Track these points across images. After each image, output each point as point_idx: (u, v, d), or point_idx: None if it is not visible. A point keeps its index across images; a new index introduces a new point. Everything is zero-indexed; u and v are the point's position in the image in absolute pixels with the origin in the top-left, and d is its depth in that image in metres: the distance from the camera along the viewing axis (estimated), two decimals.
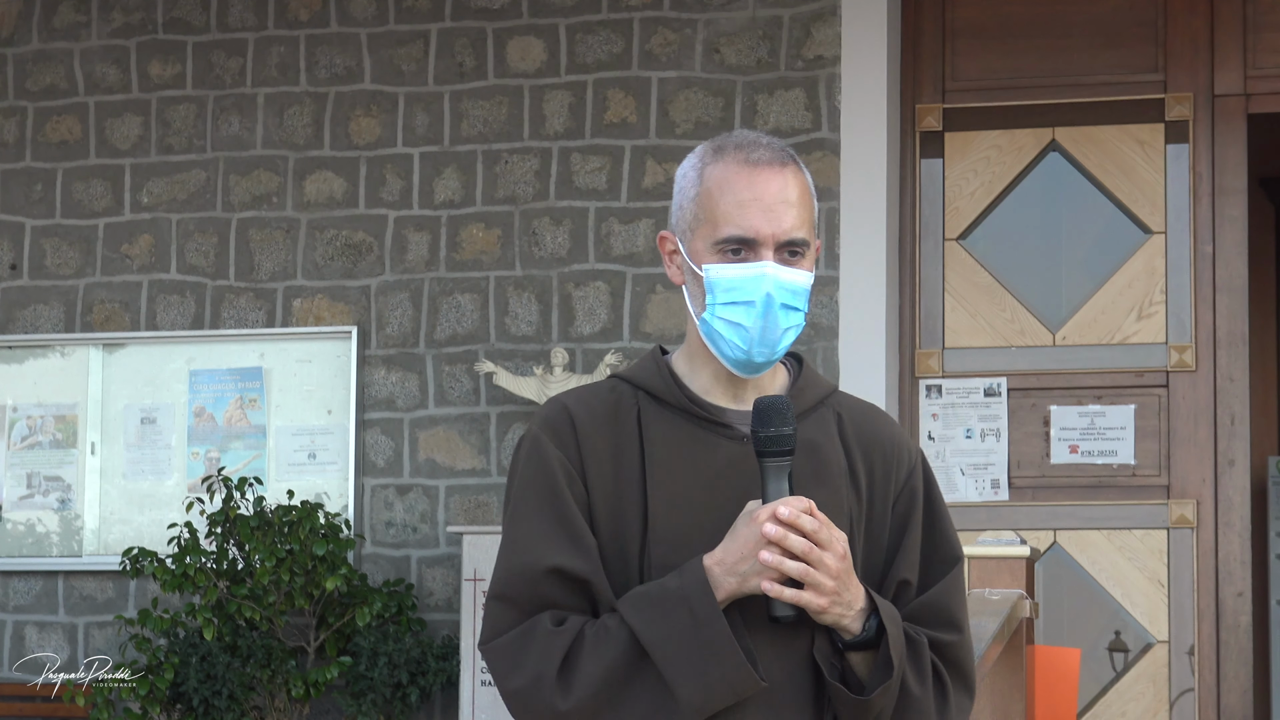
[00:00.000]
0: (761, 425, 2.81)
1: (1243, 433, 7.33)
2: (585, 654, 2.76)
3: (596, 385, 2.98)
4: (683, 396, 2.90)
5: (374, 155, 7.86)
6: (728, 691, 2.75)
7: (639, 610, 2.77)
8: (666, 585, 2.78)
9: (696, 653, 2.74)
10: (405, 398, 7.74)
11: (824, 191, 7.45)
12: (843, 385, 7.34)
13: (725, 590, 2.76)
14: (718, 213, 2.87)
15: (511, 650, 2.80)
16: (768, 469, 2.80)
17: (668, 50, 7.64)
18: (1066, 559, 7.38)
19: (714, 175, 2.89)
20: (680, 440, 2.88)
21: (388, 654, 7.20)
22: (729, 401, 2.92)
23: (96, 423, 8.00)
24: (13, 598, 7.99)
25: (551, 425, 2.89)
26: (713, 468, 2.87)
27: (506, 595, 2.82)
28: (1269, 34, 7.41)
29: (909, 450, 3.01)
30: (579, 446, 2.87)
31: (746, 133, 2.95)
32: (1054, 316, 7.48)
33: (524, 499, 2.86)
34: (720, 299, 2.86)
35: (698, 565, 2.78)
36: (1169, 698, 7.28)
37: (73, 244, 8.06)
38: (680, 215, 2.93)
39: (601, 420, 2.89)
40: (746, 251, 2.86)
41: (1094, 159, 7.48)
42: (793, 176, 2.89)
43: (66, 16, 8.15)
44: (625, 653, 2.76)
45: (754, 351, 2.87)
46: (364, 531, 7.73)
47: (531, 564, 2.81)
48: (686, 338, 2.98)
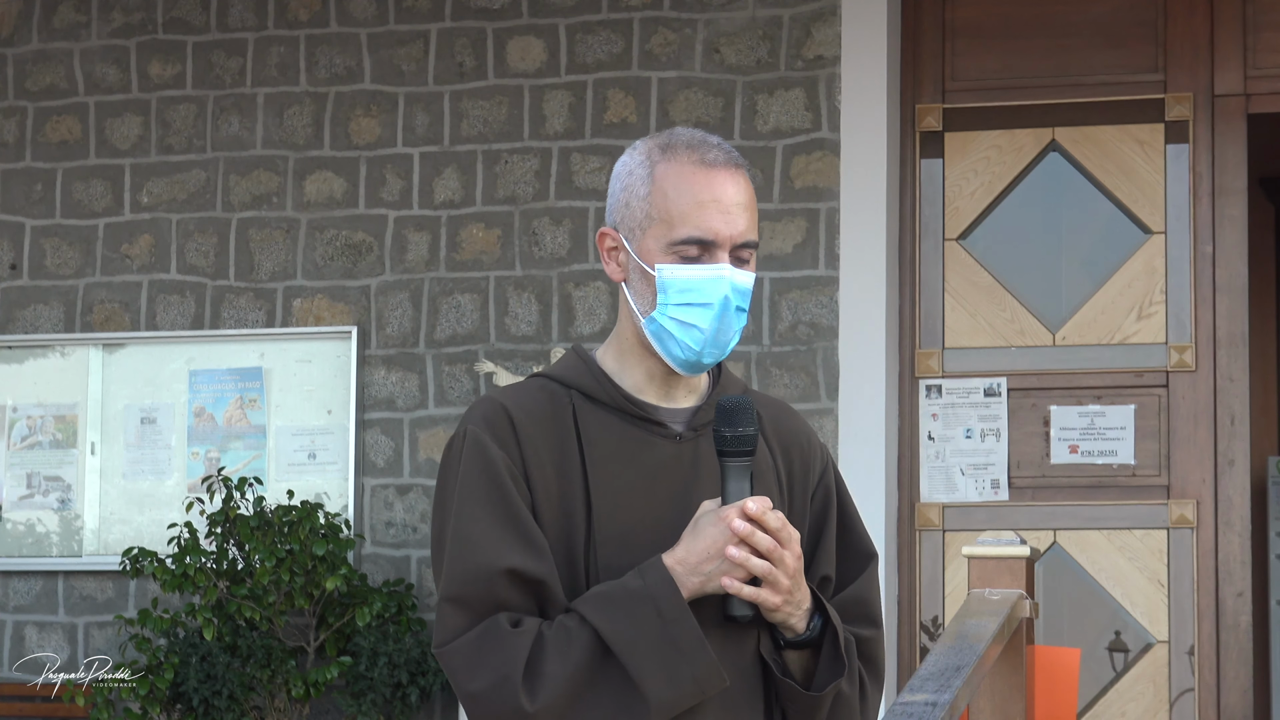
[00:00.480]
0: (728, 425, 2.81)
1: (1243, 433, 7.33)
2: (549, 655, 2.74)
3: (525, 384, 2.95)
4: (618, 395, 2.89)
5: (374, 155, 7.86)
6: (695, 690, 2.75)
7: (602, 611, 2.76)
8: (628, 585, 2.77)
9: (665, 652, 2.74)
10: (405, 398, 7.75)
11: (824, 191, 7.45)
12: (842, 385, 7.34)
13: (688, 589, 2.77)
14: (674, 213, 2.86)
15: (471, 652, 2.77)
16: (730, 469, 2.81)
17: (668, 50, 7.65)
18: (1066, 559, 7.39)
19: (668, 174, 2.88)
20: (617, 439, 2.87)
21: (388, 654, 7.20)
22: (660, 400, 2.92)
23: (96, 423, 8.00)
24: (13, 598, 7.99)
25: (491, 424, 2.86)
26: (650, 467, 2.87)
27: (460, 597, 2.79)
28: (1269, 34, 7.41)
29: (820, 447, 3.05)
30: (520, 446, 2.84)
31: (692, 131, 2.94)
32: (1054, 316, 7.48)
33: (470, 498, 2.82)
34: (674, 299, 2.85)
35: (659, 564, 2.78)
36: (1169, 698, 7.28)
37: (73, 244, 8.06)
38: (626, 212, 2.90)
39: (538, 420, 2.87)
40: (703, 253, 2.85)
41: (1094, 159, 7.48)
42: (744, 180, 2.90)
43: (66, 16, 8.15)
44: (590, 653, 2.75)
45: (705, 352, 2.86)
46: (364, 531, 7.73)
47: (486, 565, 2.78)
48: (617, 336, 2.95)
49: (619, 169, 2.95)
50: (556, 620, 2.78)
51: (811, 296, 7.43)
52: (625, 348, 2.94)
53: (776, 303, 7.45)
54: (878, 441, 7.31)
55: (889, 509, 7.35)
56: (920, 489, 7.49)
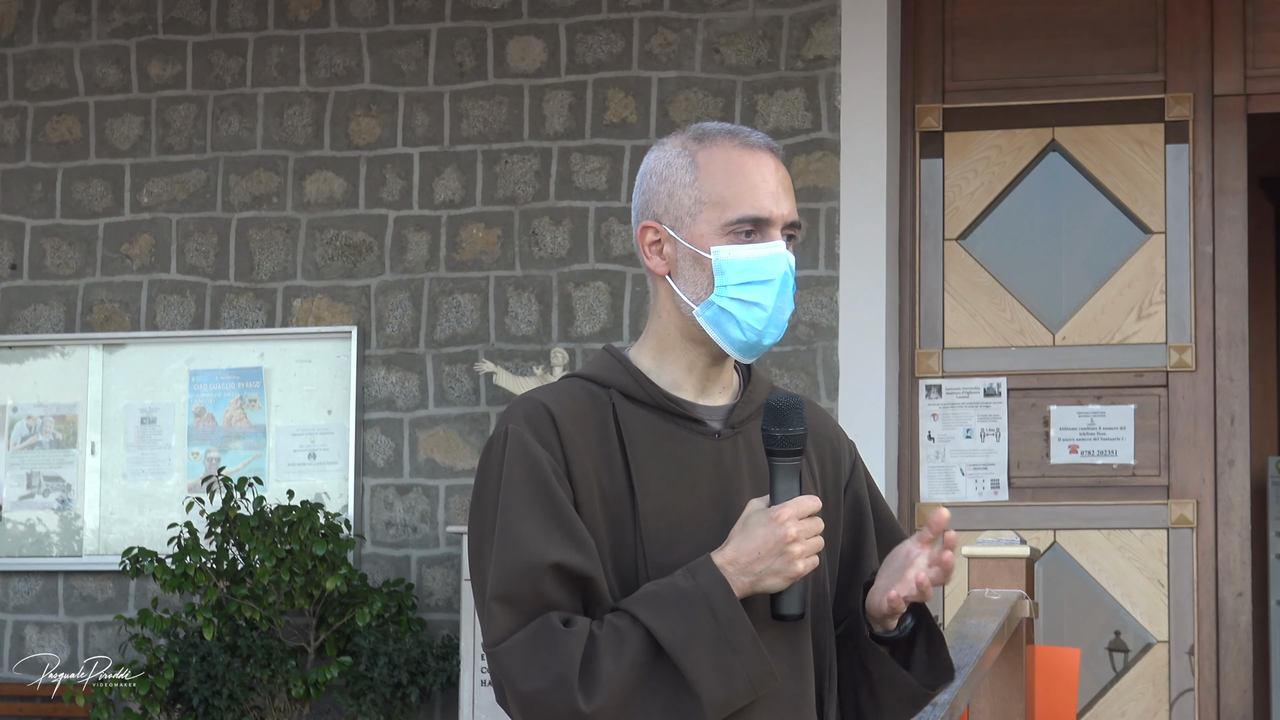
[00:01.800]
0: (779, 425, 2.81)
1: (1243, 433, 7.33)
2: (603, 655, 2.72)
3: (562, 384, 2.93)
4: (657, 393, 2.89)
5: (374, 155, 7.86)
6: (749, 690, 2.75)
7: (654, 611, 2.75)
8: (680, 585, 2.76)
9: (720, 652, 2.73)
10: (405, 398, 7.74)
11: (824, 191, 7.45)
12: (842, 385, 7.34)
13: (739, 589, 2.76)
14: (726, 194, 2.86)
15: (525, 652, 2.74)
16: (779, 468, 2.80)
17: (668, 50, 7.65)
18: (1066, 559, 7.39)
19: (714, 159, 2.88)
20: (658, 438, 2.87)
21: (388, 654, 7.20)
22: (697, 396, 2.92)
23: (96, 423, 8.00)
24: (13, 598, 7.99)
25: (533, 423, 2.84)
26: (690, 464, 2.87)
27: (509, 595, 2.77)
28: (1269, 34, 7.41)
29: (849, 443, 3.06)
30: (562, 445, 2.83)
31: (720, 123, 2.95)
32: (1054, 316, 7.48)
33: (515, 497, 2.80)
34: (734, 280, 2.85)
35: (710, 564, 2.77)
36: (1169, 698, 7.28)
37: (73, 244, 8.06)
38: (670, 203, 2.90)
39: (579, 419, 2.86)
40: (757, 233, 2.87)
41: (1094, 159, 7.48)
42: (782, 163, 2.93)
43: (66, 16, 8.15)
44: (643, 653, 2.73)
45: (767, 332, 2.87)
46: (364, 531, 7.73)
47: (533, 561, 2.76)
48: (654, 334, 2.94)
49: (651, 165, 2.94)
50: (606, 620, 2.77)
51: (811, 296, 7.43)
52: (665, 344, 2.93)
53: None
54: (878, 441, 7.31)
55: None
56: (920, 489, 7.49)
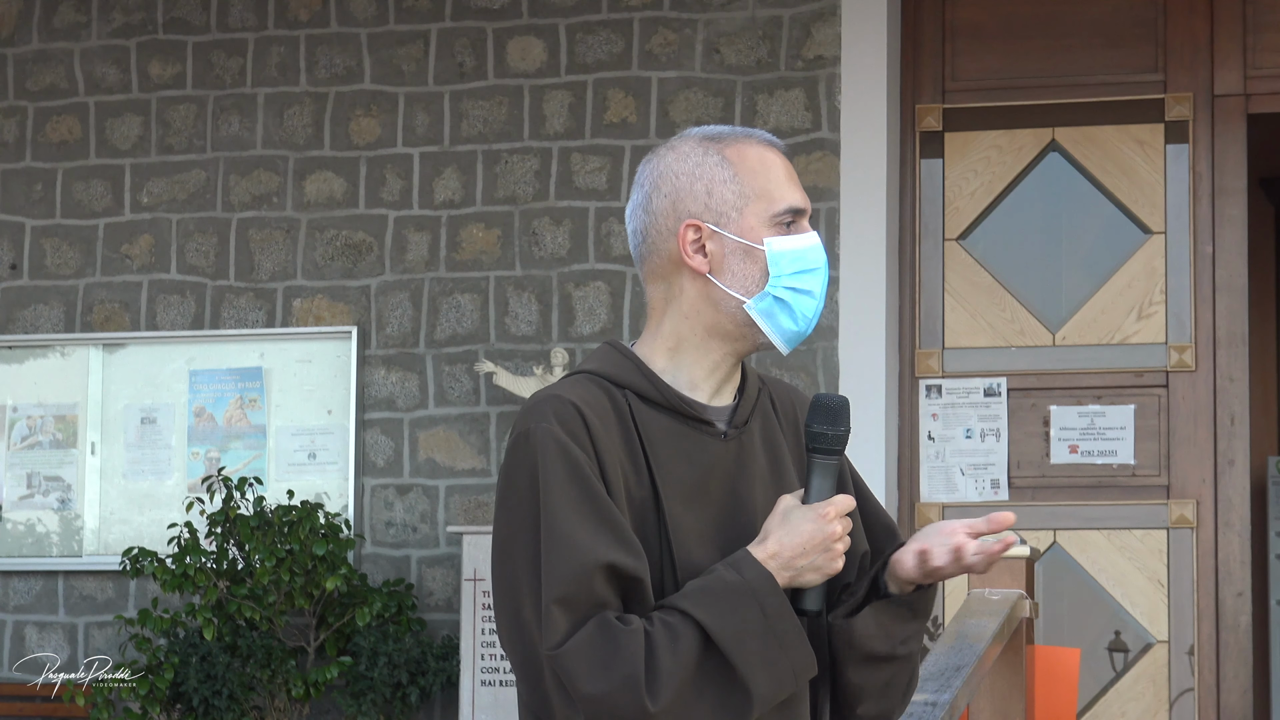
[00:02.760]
0: (830, 424, 2.84)
1: (1243, 433, 7.33)
2: (661, 653, 2.73)
3: (580, 381, 2.91)
4: (673, 395, 2.89)
5: (374, 155, 7.86)
6: (794, 682, 2.79)
7: (706, 606, 2.76)
8: (727, 580, 2.78)
9: (770, 646, 2.76)
10: (405, 398, 7.75)
11: (824, 191, 7.45)
12: (842, 385, 7.34)
13: (780, 583, 2.80)
14: (769, 187, 2.89)
15: (590, 653, 2.74)
16: (819, 466, 2.83)
17: (668, 50, 7.65)
18: (1066, 559, 7.39)
19: (745, 155, 2.91)
20: (674, 440, 2.88)
21: (388, 654, 7.20)
22: (709, 398, 2.93)
23: (96, 423, 8.00)
24: (13, 598, 7.99)
25: (566, 422, 2.82)
26: (704, 465, 2.88)
27: (565, 597, 2.75)
28: (1269, 34, 7.41)
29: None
30: (594, 445, 2.82)
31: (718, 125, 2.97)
32: (1054, 316, 7.48)
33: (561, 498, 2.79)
34: (788, 269, 2.87)
35: (752, 559, 2.79)
36: (1169, 698, 7.28)
37: (73, 244, 8.06)
38: (710, 200, 2.89)
39: (605, 418, 2.86)
40: (795, 224, 2.90)
41: (1094, 159, 7.48)
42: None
43: (66, 16, 8.15)
44: (698, 649, 2.75)
45: (814, 318, 2.91)
46: (364, 531, 7.73)
47: (586, 562, 2.75)
48: (672, 333, 2.93)
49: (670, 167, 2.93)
50: (656, 617, 2.77)
51: None
52: (686, 344, 2.93)
53: None
54: (878, 441, 7.31)
55: (889, 509, 7.36)
56: (920, 489, 7.49)
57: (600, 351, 2.96)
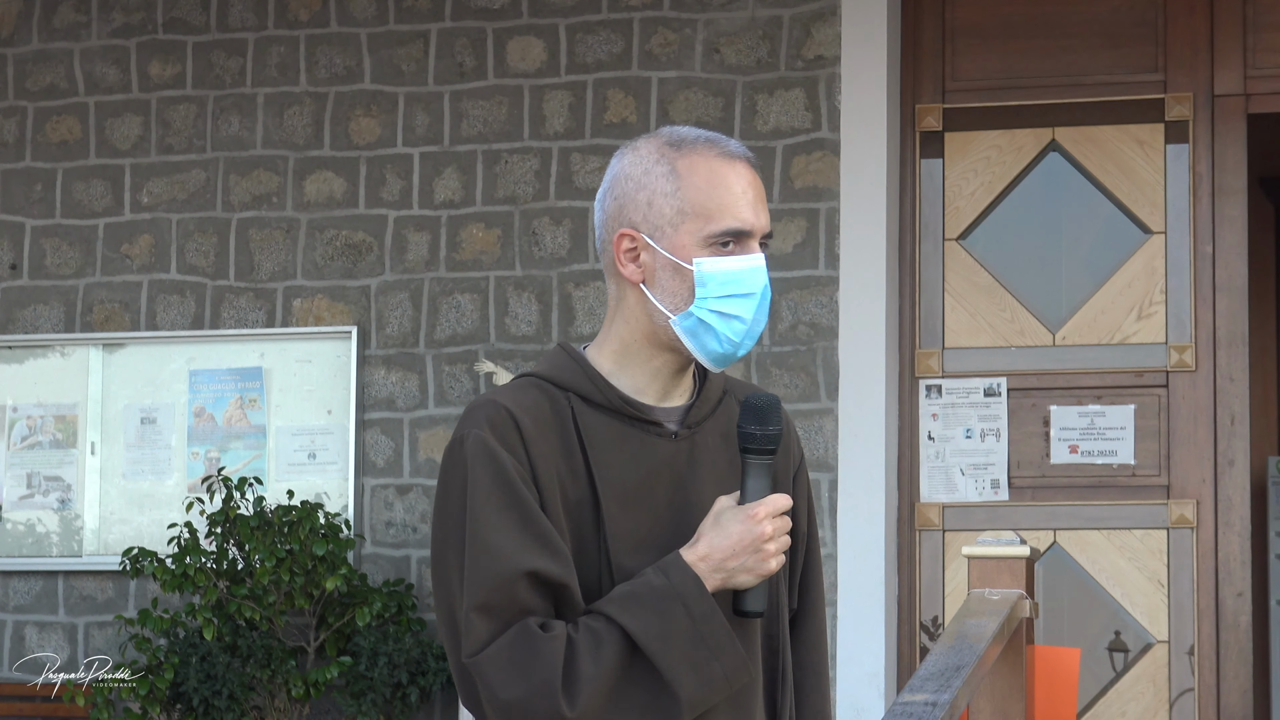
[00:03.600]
0: (759, 424, 2.82)
1: (1243, 433, 7.33)
2: (582, 658, 2.74)
3: (520, 384, 2.92)
4: (616, 398, 2.89)
5: (374, 155, 7.86)
6: (725, 685, 2.77)
7: (629, 610, 2.76)
8: (653, 584, 2.77)
9: (696, 649, 2.75)
10: (405, 398, 7.75)
11: (824, 191, 7.45)
12: (842, 385, 7.34)
13: (710, 585, 2.78)
14: (710, 206, 2.85)
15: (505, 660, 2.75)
16: (752, 466, 2.82)
17: (668, 50, 7.65)
18: (1066, 559, 7.39)
19: (695, 168, 2.87)
20: (617, 440, 2.87)
21: (388, 654, 7.20)
22: (658, 400, 2.92)
23: (96, 423, 8.00)
24: (13, 598, 7.99)
25: (495, 427, 2.83)
26: (649, 466, 2.87)
27: (485, 605, 2.77)
28: (1269, 34, 7.41)
29: (793, 428, 3.09)
30: (526, 448, 2.83)
31: (691, 128, 2.93)
32: (1054, 316, 7.48)
33: (486, 505, 2.80)
34: (715, 292, 2.84)
35: (681, 562, 2.78)
36: (1169, 698, 7.28)
37: (73, 244, 8.06)
38: (649, 211, 2.87)
39: (541, 422, 2.86)
40: (736, 245, 2.86)
41: (1094, 159, 7.48)
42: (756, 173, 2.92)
43: (66, 16, 8.15)
44: (621, 654, 2.75)
45: (743, 344, 2.88)
46: (364, 531, 7.73)
47: (509, 569, 2.76)
48: (617, 337, 2.93)
49: (625, 170, 2.91)
50: (581, 622, 2.78)
51: (811, 296, 7.43)
52: (629, 349, 2.92)
53: (776, 303, 7.45)
54: (878, 441, 7.31)
55: (889, 509, 7.35)
56: (920, 489, 7.49)
57: (550, 354, 2.97)
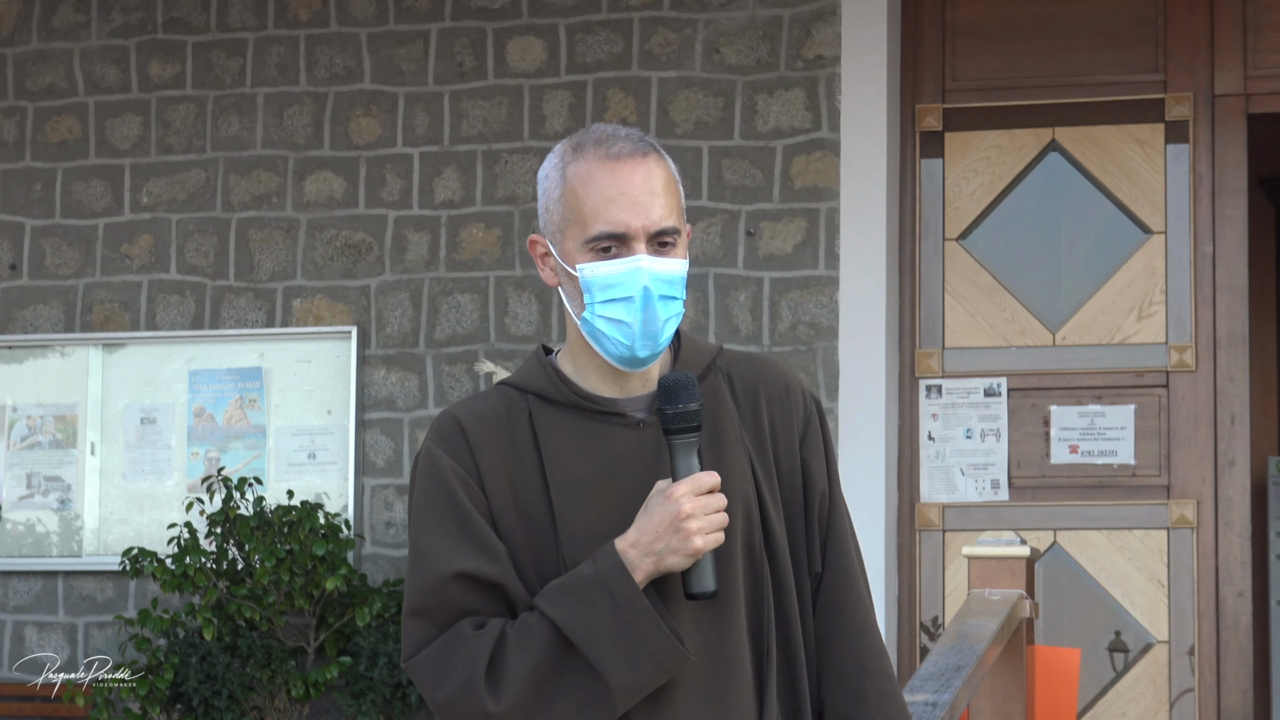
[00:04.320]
0: (669, 403, 2.82)
1: (1243, 433, 7.33)
2: (510, 653, 2.77)
3: (485, 393, 2.97)
4: (571, 394, 2.91)
5: (374, 155, 7.86)
6: (656, 670, 2.77)
7: (557, 602, 2.78)
8: (581, 573, 2.79)
9: (621, 635, 2.75)
10: (405, 398, 7.75)
11: (824, 191, 7.45)
12: (842, 385, 7.34)
13: (643, 571, 2.78)
14: (585, 211, 2.86)
15: (435, 662, 2.80)
16: (676, 446, 2.83)
17: (668, 50, 7.65)
18: (1066, 559, 7.39)
19: (576, 173, 2.88)
20: (575, 436, 2.89)
21: (388, 654, 7.20)
22: (617, 393, 2.93)
23: (96, 423, 8.00)
24: (13, 598, 7.99)
25: (443, 436, 2.89)
26: (611, 457, 2.88)
27: (420, 609, 2.83)
28: (1269, 34, 7.41)
29: (802, 392, 3.04)
30: (472, 453, 2.87)
31: (605, 126, 2.93)
32: (1054, 316, 7.48)
33: (425, 513, 2.86)
34: (598, 298, 2.86)
35: (610, 549, 2.79)
36: (1169, 698, 7.28)
37: (73, 244, 8.06)
38: (548, 217, 2.91)
39: (492, 426, 2.90)
40: (619, 247, 2.86)
41: (1094, 159, 7.48)
42: (655, 165, 2.89)
43: (66, 16, 8.15)
44: (550, 646, 2.77)
45: (637, 346, 2.87)
46: (364, 531, 7.73)
47: (439, 573, 2.81)
48: (568, 337, 2.97)
49: (541, 173, 2.95)
50: (520, 618, 2.80)
51: (811, 296, 7.43)
52: (576, 349, 2.96)
53: (776, 303, 7.45)
54: (878, 441, 7.31)
55: (889, 509, 7.35)
56: (920, 489, 7.49)
57: (526, 358, 3.01)
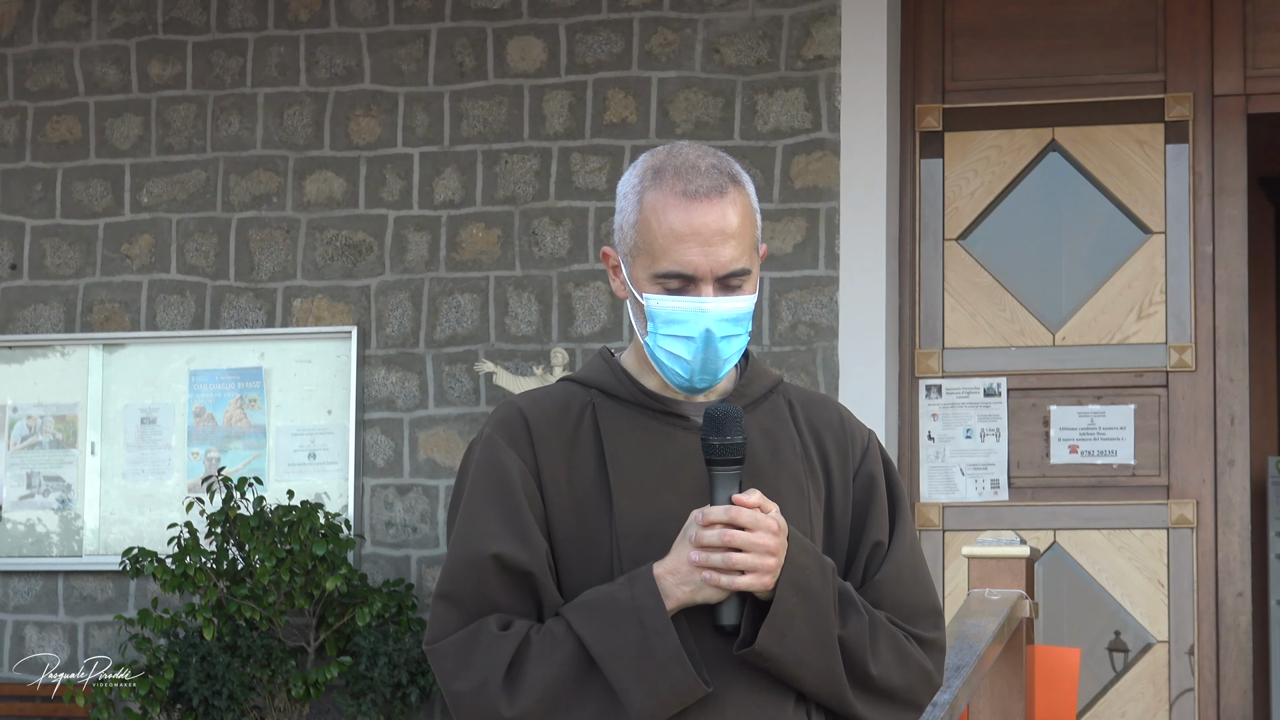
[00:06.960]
0: (715, 434, 2.80)
1: (1243, 433, 7.33)
2: (532, 660, 2.76)
3: (549, 387, 2.97)
4: (637, 391, 2.91)
5: (374, 155, 7.86)
6: (674, 701, 2.77)
7: (587, 619, 2.77)
8: (615, 595, 2.78)
9: (646, 665, 2.75)
10: (405, 398, 7.75)
11: (824, 191, 7.45)
12: (842, 385, 7.34)
13: (676, 600, 2.78)
14: (656, 246, 2.85)
15: (457, 653, 2.80)
16: (717, 477, 2.81)
17: (668, 50, 7.65)
18: (1066, 559, 7.39)
19: (654, 204, 2.86)
20: (638, 434, 2.89)
21: (388, 654, 7.20)
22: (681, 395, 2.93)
23: (96, 423, 8.00)
24: (13, 598, 7.99)
25: (506, 427, 2.89)
26: (672, 458, 2.88)
27: (452, 593, 2.82)
28: (1269, 34, 7.41)
29: (860, 431, 3.03)
30: (534, 447, 2.87)
31: (689, 151, 2.90)
32: (1054, 316, 7.48)
33: (473, 495, 2.86)
34: (662, 330, 2.86)
35: (648, 574, 2.78)
36: (1169, 698, 7.28)
37: (73, 244, 8.06)
38: (621, 236, 2.91)
39: (556, 420, 2.89)
40: (685, 285, 2.85)
41: (1094, 159, 7.48)
42: (731, 205, 2.87)
43: (66, 16, 8.15)
44: (573, 662, 2.76)
45: (695, 380, 2.88)
46: (364, 531, 7.73)
47: (475, 553, 2.81)
48: (634, 340, 2.97)
49: (620, 187, 2.94)
50: (546, 624, 2.80)
51: (811, 296, 7.43)
52: (642, 353, 2.95)
53: (776, 303, 7.45)
54: None
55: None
56: (920, 489, 7.49)
57: (589, 359, 3.01)
